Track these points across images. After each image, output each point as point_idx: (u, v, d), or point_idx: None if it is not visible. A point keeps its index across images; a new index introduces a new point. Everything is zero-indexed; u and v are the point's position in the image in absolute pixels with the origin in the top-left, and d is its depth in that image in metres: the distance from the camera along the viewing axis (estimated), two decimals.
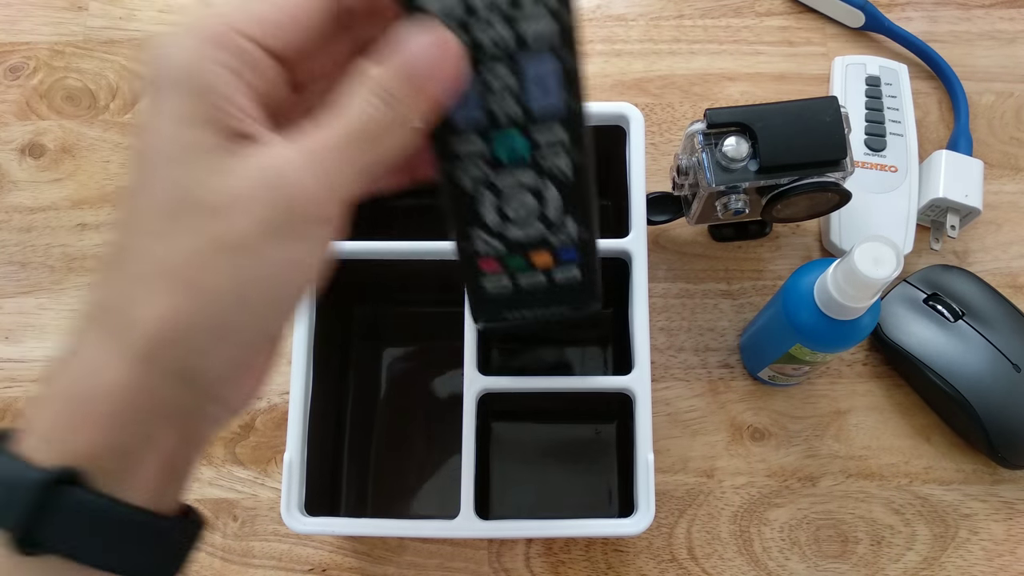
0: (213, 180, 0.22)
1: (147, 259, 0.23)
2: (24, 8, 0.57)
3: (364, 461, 0.46)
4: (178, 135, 0.22)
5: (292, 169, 0.23)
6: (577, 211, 0.30)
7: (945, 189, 0.48)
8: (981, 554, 0.45)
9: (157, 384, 0.23)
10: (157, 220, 0.23)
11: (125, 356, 0.22)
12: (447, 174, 0.28)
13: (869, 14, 0.53)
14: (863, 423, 0.47)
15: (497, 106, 0.26)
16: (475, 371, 0.39)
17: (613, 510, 0.45)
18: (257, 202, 0.22)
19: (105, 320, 0.23)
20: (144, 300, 0.22)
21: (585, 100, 0.27)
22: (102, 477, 0.22)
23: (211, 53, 0.23)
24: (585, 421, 0.47)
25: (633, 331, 0.39)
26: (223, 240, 0.22)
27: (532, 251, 0.31)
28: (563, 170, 0.29)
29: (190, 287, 0.22)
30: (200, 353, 0.23)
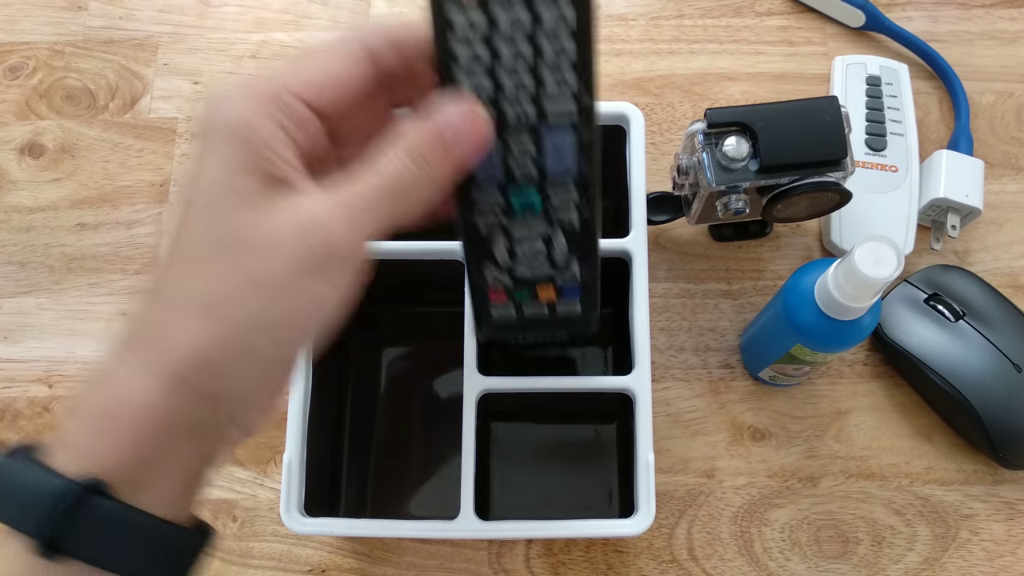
0: (253, 221, 0.24)
1: (185, 290, 0.25)
2: (24, 8, 0.57)
3: (364, 461, 0.46)
4: (225, 179, 0.25)
5: (327, 216, 0.25)
6: (582, 256, 0.32)
7: (946, 189, 0.48)
8: (982, 554, 0.45)
9: (184, 405, 0.24)
10: (197, 255, 0.25)
11: (157, 378, 0.24)
12: (465, 219, 0.30)
13: (869, 14, 0.53)
14: (864, 423, 0.47)
15: (516, 166, 0.29)
16: (475, 371, 0.39)
17: (613, 511, 0.45)
18: (292, 243, 0.24)
19: (141, 344, 0.25)
20: (179, 327, 0.24)
21: (597, 166, 0.29)
22: (125, 488, 0.24)
23: (262, 108, 0.25)
24: (585, 421, 0.47)
25: (633, 331, 0.39)
26: (258, 277, 0.24)
27: (538, 286, 0.33)
28: (572, 222, 0.31)
29: (222, 318, 0.24)
30: (226, 378, 0.25)
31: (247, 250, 0.24)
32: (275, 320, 0.25)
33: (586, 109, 0.27)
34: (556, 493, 0.46)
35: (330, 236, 0.25)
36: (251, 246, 0.24)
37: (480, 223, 0.31)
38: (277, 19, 0.57)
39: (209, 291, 0.24)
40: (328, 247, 0.25)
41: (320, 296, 0.25)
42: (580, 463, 0.46)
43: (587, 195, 0.30)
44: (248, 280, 0.24)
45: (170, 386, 0.24)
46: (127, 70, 0.56)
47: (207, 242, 0.25)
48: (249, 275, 0.24)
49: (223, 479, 0.47)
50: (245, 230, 0.24)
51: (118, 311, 0.50)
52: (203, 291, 0.24)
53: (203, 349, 0.24)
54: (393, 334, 0.49)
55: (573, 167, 0.29)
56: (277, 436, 0.47)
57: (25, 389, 0.49)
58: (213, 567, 0.45)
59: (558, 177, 0.29)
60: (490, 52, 0.26)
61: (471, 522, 0.37)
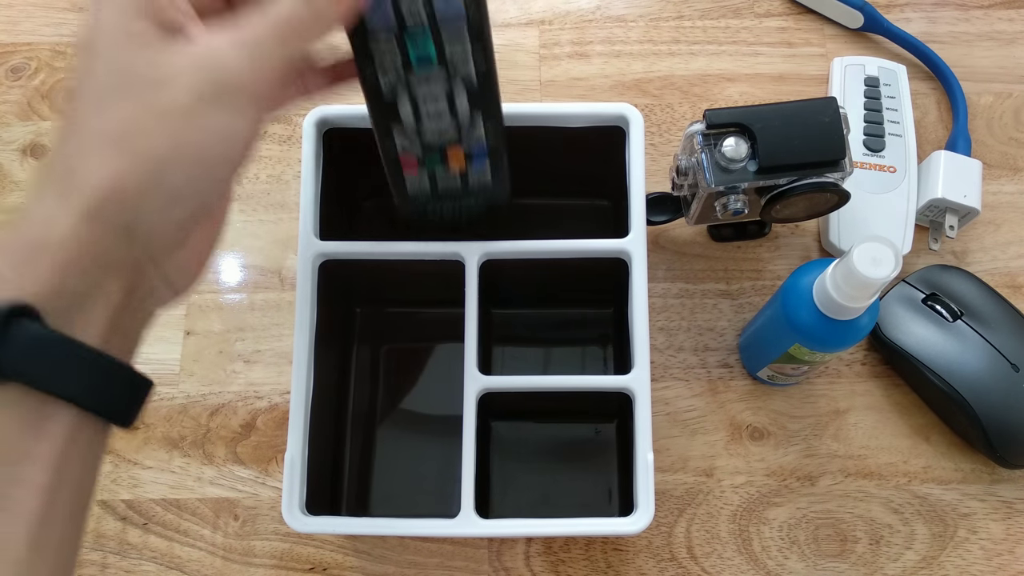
0: (153, 60, 0.26)
1: (93, 128, 0.26)
2: (25, 9, 0.57)
3: (365, 460, 0.46)
4: (123, 24, 0.26)
5: (222, 52, 0.27)
6: (485, 114, 0.34)
7: (944, 189, 0.48)
8: (980, 553, 0.45)
9: (103, 237, 0.25)
10: (102, 95, 0.26)
11: (74, 211, 0.25)
12: (367, 78, 0.32)
13: (868, 15, 0.53)
14: (862, 423, 0.47)
15: (407, 10, 0.31)
16: (475, 371, 0.39)
17: (613, 509, 0.45)
18: (191, 76, 0.26)
19: (56, 181, 0.26)
20: (91, 162, 0.25)
21: (486, 10, 0.31)
22: (54, 316, 0.25)
23: None
24: (585, 421, 0.47)
25: (632, 331, 0.39)
26: (161, 108, 0.26)
27: (448, 150, 0.35)
28: (470, 75, 0.33)
29: (131, 150, 0.25)
30: (139, 209, 0.26)
31: (149, 86, 0.26)
32: (181, 150, 0.26)
33: None
34: (556, 492, 0.46)
35: (226, 68, 0.26)
36: (153, 82, 0.26)
37: (382, 81, 0.32)
38: None
39: (116, 126, 0.25)
40: (226, 78, 0.26)
41: (223, 127, 0.27)
42: (580, 462, 0.47)
43: (480, 44, 0.32)
44: (152, 112, 0.26)
45: (88, 218, 0.25)
46: None
47: (111, 82, 0.26)
48: (153, 108, 0.26)
49: (224, 478, 0.47)
50: (146, 68, 0.26)
51: None
52: (110, 126, 0.25)
53: (114, 181, 0.25)
54: (394, 333, 0.49)
55: (460, 8, 0.31)
56: (279, 435, 0.48)
57: None
58: (215, 566, 0.45)
59: (448, 21, 0.31)
60: None
61: (471, 520, 0.37)
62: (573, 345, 0.49)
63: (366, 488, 0.46)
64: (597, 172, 0.45)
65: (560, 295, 0.48)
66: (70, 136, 0.26)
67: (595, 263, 0.41)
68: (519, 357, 0.48)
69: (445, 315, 0.43)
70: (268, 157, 0.53)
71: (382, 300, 0.49)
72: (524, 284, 0.45)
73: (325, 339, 0.40)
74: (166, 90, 0.26)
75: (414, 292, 0.47)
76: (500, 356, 0.48)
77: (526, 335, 0.49)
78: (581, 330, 0.49)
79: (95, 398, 0.26)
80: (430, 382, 0.48)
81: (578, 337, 0.49)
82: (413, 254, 0.40)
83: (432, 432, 0.47)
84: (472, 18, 0.31)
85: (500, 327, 0.48)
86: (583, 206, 0.49)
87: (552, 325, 0.49)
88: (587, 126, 0.41)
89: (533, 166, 0.45)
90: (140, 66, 0.26)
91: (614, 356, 0.48)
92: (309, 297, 0.39)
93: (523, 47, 0.56)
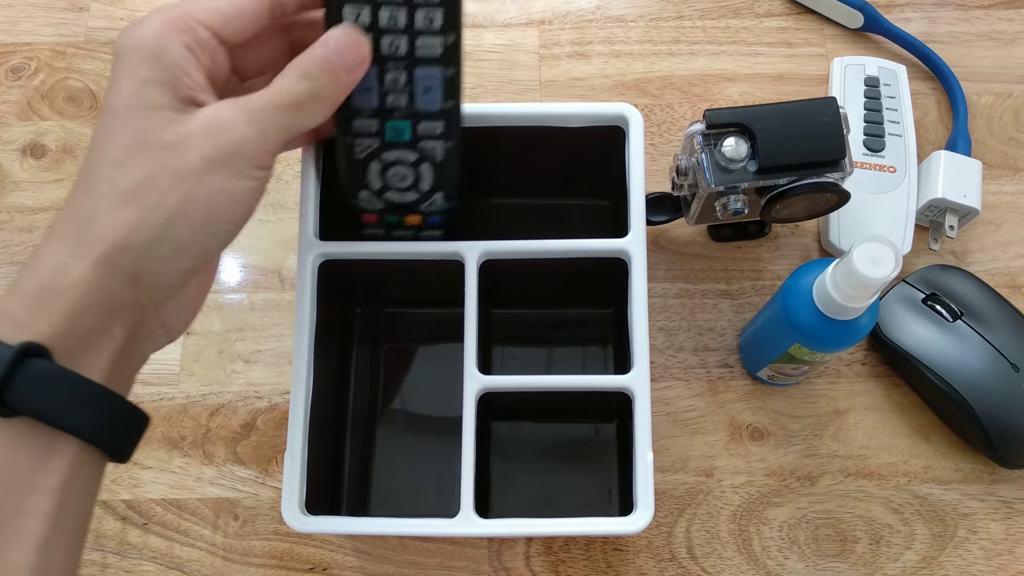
0: (168, 127, 0.29)
1: (109, 184, 0.28)
2: (25, 9, 0.57)
3: (365, 460, 0.46)
4: (141, 93, 0.29)
5: (233, 121, 0.29)
6: (445, 188, 0.38)
7: (944, 189, 0.48)
8: (980, 553, 0.45)
9: (112, 283, 0.28)
10: (119, 154, 0.29)
11: (88, 259, 0.27)
12: (345, 145, 0.36)
13: (868, 15, 0.53)
14: (862, 423, 0.47)
15: (391, 97, 0.34)
16: (475, 370, 0.39)
17: (613, 509, 0.45)
18: (202, 142, 0.29)
19: (71, 231, 0.28)
20: (106, 214, 0.28)
21: (460, 100, 0.35)
22: (63, 355, 0.27)
23: (172, 32, 0.29)
24: (585, 420, 0.47)
25: (632, 331, 0.39)
26: (174, 168, 0.28)
27: (407, 215, 0.39)
28: (435, 153, 0.37)
29: (145, 204, 0.28)
30: (147, 257, 0.28)
31: (163, 148, 0.29)
32: (190, 206, 0.29)
33: (450, 46, 0.33)
34: (556, 492, 0.46)
35: (235, 136, 0.29)
36: (167, 145, 0.29)
37: (357, 149, 0.36)
38: None
39: (131, 182, 0.28)
40: (234, 144, 0.29)
41: (229, 188, 0.29)
42: (580, 462, 0.46)
43: (450, 129, 0.36)
44: (166, 172, 0.28)
45: (100, 266, 0.27)
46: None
47: (128, 144, 0.29)
48: (167, 168, 0.28)
49: (224, 478, 0.47)
50: (161, 133, 0.29)
51: None
52: (127, 184, 0.28)
53: (127, 232, 0.28)
54: (394, 333, 0.49)
55: (438, 98, 0.34)
56: (279, 435, 0.48)
57: None
58: (215, 565, 0.45)
59: (426, 109, 0.35)
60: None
61: (471, 520, 0.37)
62: (573, 345, 0.49)
63: (366, 488, 0.46)
64: (597, 172, 0.45)
65: (560, 295, 0.48)
66: (88, 190, 0.29)
67: (595, 263, 0.41)
68: (519, 357, 0.48)
69: (445, 315, 0.43)
70: None
71: (382, 300, 0.49)
72: (524, 284, 0.45)
73: (325, 339, 0.40)
74: (180, 153, 0.29)
75: (414, 292, 0.47)
76: (500, 356, 0.48)
77: (526, 335, 0.49)
78: (581, 330, 0.49)
79: (99, 432, 0.28)
80: (430, 382, 0.48)
81: (578, 337, 0.49)
82: (413, 254, 0.40)
83: (432, 432, 0.47)
84: (446, 109, 0.35)
85: (500, 327, 0.48)
86: (583, 206, 0.49)
87: (552, 325, 0.49)
88: (587, 126, 0.41)
89: (533, 166, 0.45)
90: (157, 132, 0.29)
91: (614, 356, 0.48)
92: (309, 297, 0.39)
93: (523, 47, 0.56)
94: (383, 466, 0.46)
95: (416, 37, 0.33)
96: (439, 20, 0.32)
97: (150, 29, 0.29)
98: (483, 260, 0.40)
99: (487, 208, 0.48)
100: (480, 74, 0.55)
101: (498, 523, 0.39)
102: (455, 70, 0.34)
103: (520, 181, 0.46)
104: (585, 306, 0.48)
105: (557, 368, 0.48)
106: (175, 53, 0.29)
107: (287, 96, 0.31)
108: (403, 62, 0.33)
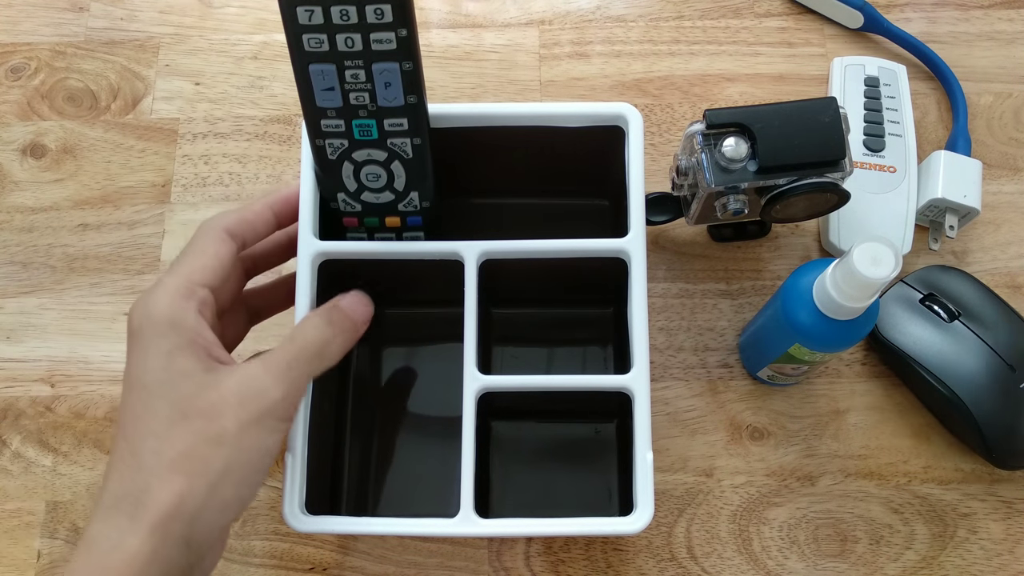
0: (201, 393, 0.31)
1: (156, 457, 0.30)
2: (25, 9, 0.58)
3: (365, 460, 0.46)
4: (168, 366, 0.32)
5: (259, 379, 0.32)
6: (420, 187, 0.39)
7: (944, 189, 0.48)
8: (980, 553, 0.45)
9: (166, 550, 0.30)
10: (161, 428, 0.31)
11: (143, 530, 0.29)
12: (318, 148, 0.38)
13: (868, 15, 0.53)
14: (862, 423, 0.47)
15: (354, 95, 0.36)
16: (475, 370, 0.39)
17: (613, 509, 0.45)
18: (236, 407, 0.31)
19: (125, 506, 0.30)
20: (155, 486, 0.30)
21: (422, 96, 0.36)
22: None
23: (182, 302, 0.33)
24: (585, 420, 0.47)
25: (632, 331, 0.39)
26: (213, 436, 0.31)
27: (385, 216, 0.41)
28: (405, 149, 0.38)
29: (191, 472, 0.30)
30: (199, 521, 0.30)
31: (201, 416, 0.31)
32: (232, 468, 0.31)
33: (403, 39, 0.34)
34: (556, 492, 0.46)
35: (267, 397, 0.32)
36: (203, 413, 0.31)
37: (328, 150, 0.38)
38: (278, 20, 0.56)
39: (175, 452, 0.30)
40: (266, 406, 0.32)
41: (263, 445, 0.32)
42: (580, 462, 0.46)
43: (415, 124, 0.37)
44: (207, 441, 0.31)
45: (154, 536, 0.29)
46: (129, 71, 0.56)
47: (166, 416, 0.31)
48: (206, 436, 0.31)
49: None
50: (195, 401, 0.31)
51: (120, 311, 0.50)
52: (171, 453, 0.30)
53: (177, 500, 0.30)
54: (393, 333, 0.49)
55: (400, 93, 0.36)
56: None
57: (27, 389, 0.49)
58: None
59: (388, 103, 0.36)
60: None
61: (471, 520, 0.37)
62: (573, 345, 0.49)
63: (366, 488, 0.46)
64: (597, 172, 0.45)
65: (560, 295, 0.48)
66: (136, 465, 0.31)
67: (595, 263, 0.41)
68: (519, 357, 0.48)
69: (445, 315, 0.43)
70: (268, 157, 0.53)
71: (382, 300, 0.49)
72: (524, 284, 0.45)
73: None
74: (216, 420, 0.31)
75: (413, 291, 0.47)
76: (500, 356, 0.48)
77: (526, 335, 0.49)
78: (581, 330, 0.49)
79: None
80: (430, 382, 0.48)
81: (578, 337, 0.49)
82: (413, 254, 0.40)
83: (432, 432, 0.47)
84: (407, 99, 0.36)
85: (500, 326, 0.48)
86: (583, 206, 0.49)
87: (552, 325, 0.49)
88: (587, 126, 0.41)
89: (533, 166, 0.45)
90: (191, 400, 0.31)
91: (614, 356, 0.48)
92: (308, 297, 0.39)
93: (523, 47, 0.56)
94: (383, 466, 0.46)
95: (369, 32, 0.34)
96: (388, 14, 0.33)
97: (162, 302, 0.32)
98: (483, 260, 0.40)
99: (487, 208, 0.48)
100: (480, 74, 0.55)
101: (498, 523, 0.39)
102: (412, 64, 0.35)
103: (520, 181, 0.46)
104: (585, 306, 0.48)
105: (557, 368, 0.48)
106: (190, 319, 0.32)
107: (308, 343, 0.34)
108: (360, 58, 0.34)
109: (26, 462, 0.48)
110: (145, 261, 0.52)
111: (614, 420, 0.47)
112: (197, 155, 0.54)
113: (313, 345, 0.34)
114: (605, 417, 0.47)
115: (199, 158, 0.54)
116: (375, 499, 0.46)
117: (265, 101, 0.55)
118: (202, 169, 0.53)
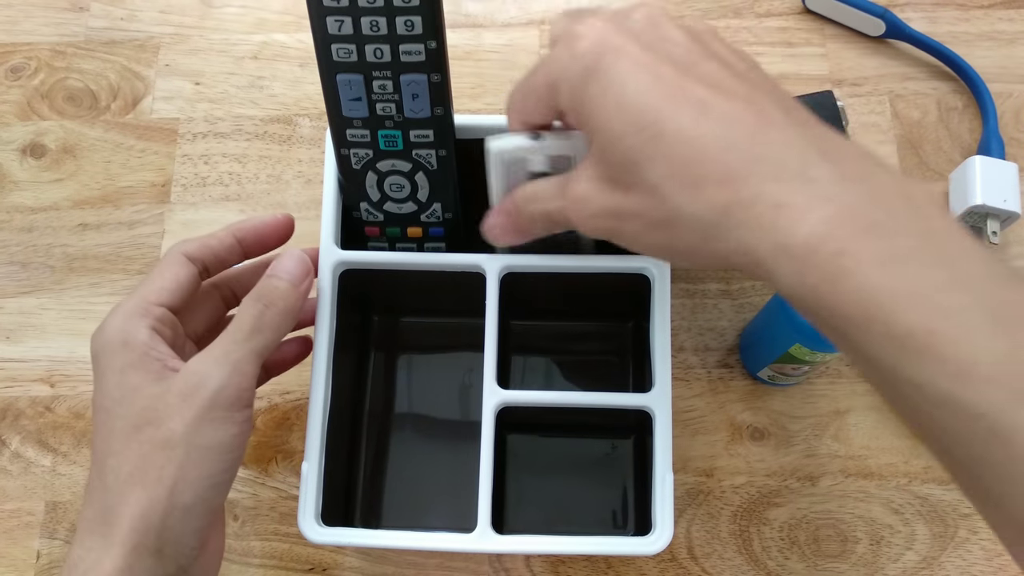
0: (150, 404, 0.32)
1: (115, 475, 0.31)
2: (25, 9, 0.57)
3: (380, 471, 0.46)
4: (121, 384, 0.32)
5: (199, 374, 0.32)
6: (443, 199, 0.39)
7: (983, 195, 0.47)
8: (980, 554, 0.45)
9: (142, 563, 0.31)
10: (118, 446, 0.32)
11: (114, 549, 0.30)
12: (342, 157, 0.38)
13: (889, 22, 0.52)
14: (862, 423, 0.47)
15: (380, 106, 0.36)
16: (494, 384, 0.38)
17: (628, 525, 0.44)
18: (181, 407, 0.32)
19: (96, 527, 0.31)
20: (118, 504, 0.31)
21: (449, 107, 0.36)
22: None
23: (134, 320, 0.33)
24: (602, 436, 0.46)
25: (653, 348, 0.38)
26: (162, 442, 0.31)
27: (407, 226, 0.40)
28: (430, 160, 0.38)
29: (146, 484, 0.31)
30: (165, 530, 0.31)
31: (150, 424, 0.31)
32: (186, 470, 0.31)
33: (432, 51, 0.34)
34: (570, 506, 0.45)
35: (207, 388, 0.32)
36: (151, 420, 0.31)
37: (353, 159, 0.38)
38: (278, 20, 0.57)
39: (132, 467, 0.31)
40: (208, 396, 0.32)
41: (217, 440, 0.32)
42: (595, 477, 0.45)
43: (440, 135, 0.37)
44: (156, 447, 0.31)
45: (125, 552, 0.30)
46: (129, 71, 0.56)
47: (121, 432, 0.32)
48: (155, 443, 0.31)
49: None
50: (146, 412, 0.32)
51: None
52: (128, 468, 0.31)
53: (140, 512, 0.31)
54: (411, 344, 0.48)
55: (427, 104, 0.35)
56: (278, 435, 0.48)
57: (27, 389, 0.49)
58: None
59: (415, 115, 0.36)
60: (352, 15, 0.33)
61: (489, 536, 0.36)
62: (591, 357, 0.48)
63: (378, 497, 0.45)
64: None
65: (580, 308, 0.47)
66: (98, 486, 0.32)
67: (617, 279, 0.40)
68: (536, 368, 0.47)
69: (461, 325, 0.43)
70: (268, 157, 0.53)
71: (399, 309, 0.48)
72: (544, 297, 0.44)
73: (342, 348, 0.40)
74: (164, 425, 0.31)
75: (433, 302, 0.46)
76: (517, 367, 0.47)
77: (544, 346, 0.48)
78: (600, 343, 0.48)
79: None
80: (445, 392, 0.47)
81: (597, 350, 0.48)
82: (433, 265, 0.40)
83: (446, 442, 0.46)
84: (434, 111, 0.36)
85: (518, 337, 0.47)
86: None
87: (571, 337, 0.48)
88: None
89: None
90: (142, 412, 0.32)
91: (632, 370, 0.47)
92: (329, 307, 0.38)
93: (523, 47, 0.56)
94: (396, 475, 0.45)
95: (398, 43, 0.33)
96: (419, 26, 0.33)
97: (114, 325, 0.33)
98: (504, 273, 0.39)
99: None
100: (480, 74, 0.55)
101: (517, 540, 0.38)
102: (440, 76, 0.35)
103: None
104: (604, 319, 0.47)
105: (574, 381, 0.47)
106: (142, 335, 0.33)
107: (244, 324, 0.33)
108: (388, 69, 0.34)
109: (25, 462, 0.48)
110: (145, 261, 0.51)
111: (631, 436, 0.46)
112: (197, 155, 0.54)
113: (246, 322, 0.33)
114: (623, 433, 0.46)
115: (199, 158, 0.53)
116: (387, 508, 0.45)
117: (265, 101, 0.55)
118: (202, 169, 0.53)
